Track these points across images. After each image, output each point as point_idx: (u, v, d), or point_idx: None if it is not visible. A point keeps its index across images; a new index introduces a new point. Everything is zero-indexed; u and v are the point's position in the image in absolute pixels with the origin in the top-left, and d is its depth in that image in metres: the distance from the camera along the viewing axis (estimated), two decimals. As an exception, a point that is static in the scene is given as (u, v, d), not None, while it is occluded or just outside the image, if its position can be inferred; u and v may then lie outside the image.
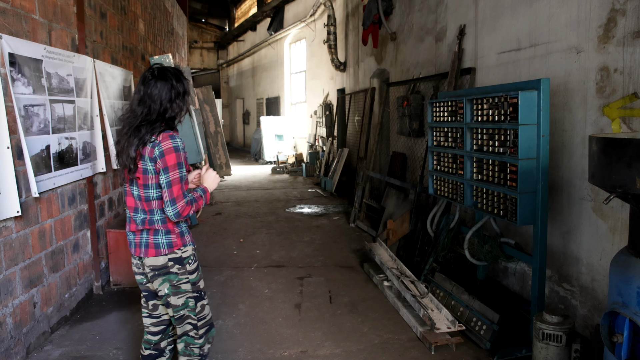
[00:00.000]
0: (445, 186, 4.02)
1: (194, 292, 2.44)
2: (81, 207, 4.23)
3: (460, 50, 4.90)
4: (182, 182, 2.27)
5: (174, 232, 2.36)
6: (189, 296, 2.42)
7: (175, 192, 2.24)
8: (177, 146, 2.26)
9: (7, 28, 3.09)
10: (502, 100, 3.20)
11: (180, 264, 2.37)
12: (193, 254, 2.44)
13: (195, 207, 2.33)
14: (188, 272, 2.40)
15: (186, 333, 2.47)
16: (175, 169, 2.25)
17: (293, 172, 13.12)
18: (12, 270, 3.14)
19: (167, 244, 2.34)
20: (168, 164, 2.24)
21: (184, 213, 2.26)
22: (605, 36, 3.08)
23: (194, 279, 2.44)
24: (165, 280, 2.38)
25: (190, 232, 2.49)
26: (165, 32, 8.73)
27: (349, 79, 10.11)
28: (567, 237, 3.49)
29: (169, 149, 2.24)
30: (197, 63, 23.01)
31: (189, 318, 2.45)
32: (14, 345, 3.15)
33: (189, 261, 2.41)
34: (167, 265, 2.35)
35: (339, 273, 5.08)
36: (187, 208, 2.28)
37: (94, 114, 4.40)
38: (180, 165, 2.27)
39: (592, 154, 2.05)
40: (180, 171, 2.26)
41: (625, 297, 1.95)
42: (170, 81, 2.33)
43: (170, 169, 2.24)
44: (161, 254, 2.34)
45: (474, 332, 3.51)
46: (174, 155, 2.24)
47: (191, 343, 2.48)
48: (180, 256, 2.38)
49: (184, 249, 2.39)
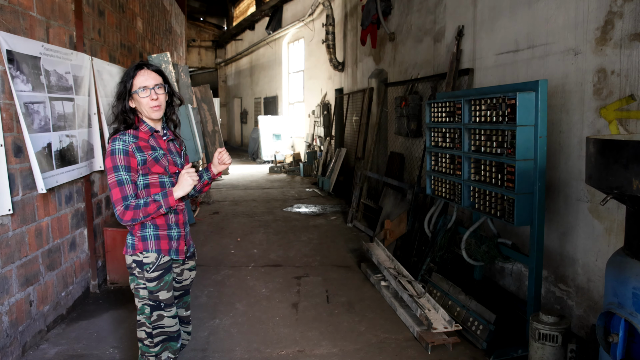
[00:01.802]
0: (443, 187, 4.03)
1: (150, 301, 2.31)
2: (78, 205, 4.22)
3: (459, 51, 4.91)
4: (120, 185, 2.17)
5: (135, 235, 2.30)
6: (144, 303, 2.33)
7: (114, 196, 2.17)
8: (113, 149, 2.18)
9: (4, 25, 3.08)
10: (500, 102, 3.21)
11: (140, 268, 2.30)
12: (154, 263, 2.29)
13: (143, 212, 2.19)
14: (146, 279, 2.29)
15: (141, 340, 2.38)
16: (112, 172, 2.18)
17: (291, 171, 13.12)
18: (8, 268, 3.14)
19: (131, 245, 2.32)
20: (106, 167, 2.21)
21: (123, 217, 2.17)
22: (603, 38, 3.09)
23: (152, 288, 2.30)
24: (131, 281, 2.36)
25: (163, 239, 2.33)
26: (164, 31, 8.71)
27: (347, 78, 10.11)
28: (563, 238, 3.50)
29: (107, 152, 2.21)
30: (195, 62, 22.97)
31: (144, 325, 2.35)
32: (10, 343, 3.15)
33: (148, 268, 2.28)
34: (131, 266, 2.33)
35: (337, 273, 5.08)
36: (128, 213, 2.17)
37: (92, 112, 4.39)
38: (117, 168, 2.17)
39: (589, 155, 2.05)
40: (116, 175, 2.17)
41: (620, 297, 1.96)
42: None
43: (108, 172, 2.20)
44: (127, 253, 2.33)
45: (471, 332, 3.52)
46: (109, 159, 2.19)
47: (146, 352, 2.37)
48: (141, 260, 2.30)
49: (145, 254, 2.29)
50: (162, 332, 2.36)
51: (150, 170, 2.27)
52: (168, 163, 2.34)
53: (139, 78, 2.26)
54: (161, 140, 2.36)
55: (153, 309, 2.32)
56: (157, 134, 2.35)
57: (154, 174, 2.29)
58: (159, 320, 2.34)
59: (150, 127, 2.32)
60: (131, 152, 2.22)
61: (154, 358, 2.37)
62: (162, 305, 2.33)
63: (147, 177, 2.27)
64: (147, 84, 2.25)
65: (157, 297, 2.32)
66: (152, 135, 2.32)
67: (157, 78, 2.30)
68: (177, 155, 2.44)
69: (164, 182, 2.32)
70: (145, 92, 2.25)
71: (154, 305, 2.32)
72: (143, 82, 2.25)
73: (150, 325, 2.33)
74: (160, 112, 2.31)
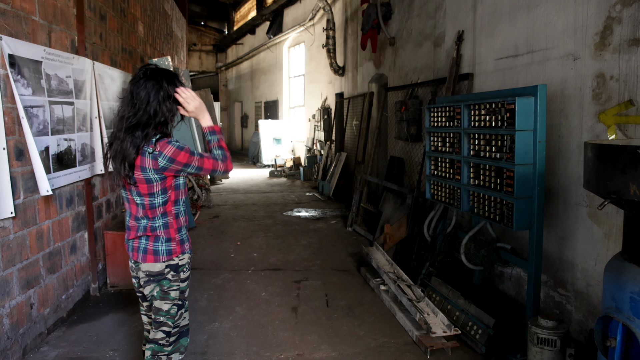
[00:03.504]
0: (443, 191, 4.04)
1: (179, 300, 2.41)
2: (79, 208, 4.23)
3: (459, 55, 4.93)
4: (202, 157, 2.28)
5: (174, 239, 2.34)
6: (174, 304, 2.38)
7: (209, 165, 2.30)
8: (179, 145, 2.24)
9: (7, 29, 3.10)
10: (500, 106, 3.22)
11: (175, 271, 2.35)
12: (188, 262, 2.42)
13: (226, 151, 2.38)
14: (181, 279, 2.38)
15: (156, 341, 2.40)
16: (193, 157, 2.25)
17: (291, 175, 13.13)
18: (9, 271, 3.15)
19: (167, 252, 2.32)
20: (183, 161, 2.23)
21: (229, 167, 2.36)
22: (602, 43, 3.11)
23: (184, 287, 2.41)
24: (157, 285, 2.36)
25: (189, 240, 2.48)
26: (165, 35, 8.75)
27: (348, 83, 10.14)
28: (562, 242, 3.51)
29: (174, 152, 2.21)
30: (195, 66, 23.02)
31: (166, 325, 2.39)
32: (10, 346, 3.15)
33: (184, 269, 2.38)
34: (162, 272, 2.33)
35: (336, 277, 5.09)
36: (226, 163, 2.35)
37: (93, 115, 4.41)
38: (192, 153, 2.26)
39: (588, 160, 2.07)
40: (196, 153, 2.27)
41: (618, 302, 1.97)
42: (160, 82, 2.26)
43: (189, 161, 2.25)
44: (159, 260, 2.32)
45: (470, 337, 3.53)
46: (182, 154, 2.22)
47: (159, 351, 2.40)
48: (177, 263, 2.36)
49: (181, 257, 2.37)
50: (178, 330, 2.46)
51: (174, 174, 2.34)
52: None
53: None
54: None
55: (179, 307, 2.43)
56: None
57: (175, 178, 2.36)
58: (180, 318, 2.46)
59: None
60: None
61: (165, 358, 2.43)
62: (185, 303, 2.47)
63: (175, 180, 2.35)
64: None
65: (184, 296, 2.44)
66: None
67: None
68: None
69: (179, 183, 2.37)
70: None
71: (180, 304, 2.43)
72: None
73: (173, 324, 2.42)
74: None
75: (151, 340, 2.42)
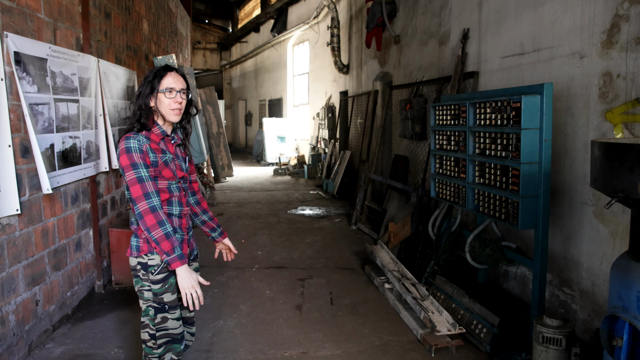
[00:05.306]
0: (447, 189, 4.03)
1: (156, 303, 2.33)
2: (84, 206, 4.25)
3: (464, 54, 4.91)
4: (141, 182, 2.16)
5: (140, 237, 2.31)
6: (149, 305, 2.34)
7: (134, 193, 2.15)
8: (128, 147, 2.17)
9: (12, 27, 3.11)
10: (505, 105, 3.21)
11: (145, 270, 2.31)
12: (159, 265, 2.29)
13: (158, 235, 2.15)
14: (151, 281, 2.30)
15: (145, 342, 2.39)
16: (130, 169, 2.16)
17: (295, 174, 13.13)
18: (15, 267, 3.16)
19: (135, 247, 2.31)
20: (122, 165, 2.18)
21: (144, 216, 2.14)
22: (609, 42, 3.09)
23: (157, 290, 2.31)
24: (136, 282, 2.36)
25: (187, 244, 2.45)
26: (169, 33, 8.76)
27: (352, 81, 10.13)
28: (568, 241, 3.49)
29: (121, 150, 2.19)
30: (200, 64, 23.05)
31: (148, 327, 2.37)
32: (16, 342, 3.17)
33: (153, 270, 2.29)
34: (135, 268, 2.33)
35: (340, 275, 5.09)
36: (150, 216, 2.14)
37: (98, 113, 4.42)
38: (135, 165, 2.16)
39: (594, 158, 2.06)
40: (136, 172, 2.15)
41: (625, 301, 1.96)
42: (148, 77, 2.28)
43: (125, 170, 2.17)
44: (132, 255, 2.32)
45: (474, 335, 3.52)
46: (125, 157, 2.17)
47: (149, 353, 2.39)
48: (146, 262, 2.30)
49: (150, 257, 2.29)
50: (165, 334, 2.36)
51: (160, 174, 2.28)
52: (175, 167, 2.36)
53: (167, 79, 2.28)
54: (170, 144, 2.37)
55: (157, 311, 2.33)
56: (167, 138, 2.36)
57: (163, 179, 2.30)
58: (163, 323, 2.35)
59: (162, 131, 2.33)
60: (145, 152, 2.22)
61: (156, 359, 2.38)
62: (166, 307, 2.34)
63: (157, 182, 2.27)
64: (174, 86, 2.28)
65: (161, 300, 2.32)
66: (163, 139, 2.33)
67: (184, 83, 2.34)
68: (182, 160, 2.46)
69: (172, 187, 2.34)
70: (171, 94, 2.27)
71: (158, 307, 2.33)
72: (171, 84, 2.27)
73: (154, 327, 2.35)
74: (179, 117, 2.33)
75: (142, 340, 2.42)
